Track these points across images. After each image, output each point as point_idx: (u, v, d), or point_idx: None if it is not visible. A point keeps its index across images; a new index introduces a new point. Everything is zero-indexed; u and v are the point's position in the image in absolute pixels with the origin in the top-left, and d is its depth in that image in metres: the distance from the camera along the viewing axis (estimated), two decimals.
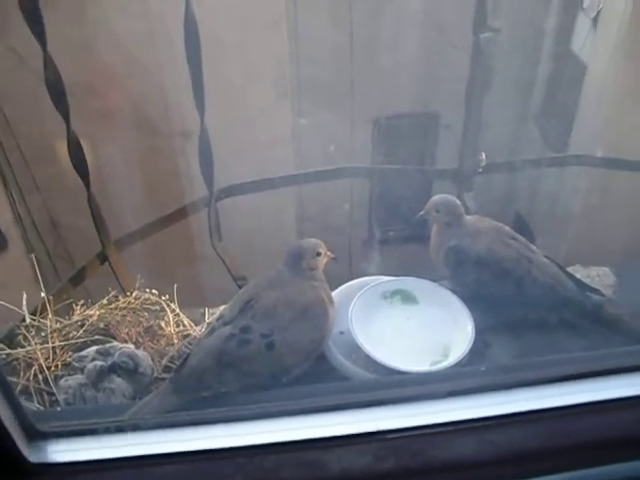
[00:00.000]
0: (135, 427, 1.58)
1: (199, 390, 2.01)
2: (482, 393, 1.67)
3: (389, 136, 6.69)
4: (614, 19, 5.70)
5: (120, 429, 1.57)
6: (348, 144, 6.28)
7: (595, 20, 5.90)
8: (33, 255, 2.97)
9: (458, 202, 2.49)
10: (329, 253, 2.31)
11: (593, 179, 5.41)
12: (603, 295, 2.51)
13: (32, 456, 1.43)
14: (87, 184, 3.55)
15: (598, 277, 2.88)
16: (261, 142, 5.75)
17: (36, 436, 1.46)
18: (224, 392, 2.03)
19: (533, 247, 2.50)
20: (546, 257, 2.50)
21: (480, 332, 2.30)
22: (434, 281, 2.54)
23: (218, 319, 2.18)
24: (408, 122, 6.86)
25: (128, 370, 2.23)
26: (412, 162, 6.75)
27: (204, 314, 2.67)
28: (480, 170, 4.23)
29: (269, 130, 5.82)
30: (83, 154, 3.44)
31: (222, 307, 2.53)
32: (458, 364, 2.20)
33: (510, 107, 6.45)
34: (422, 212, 2.50)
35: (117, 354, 2.25)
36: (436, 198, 2.51)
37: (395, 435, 1.54)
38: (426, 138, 6.97)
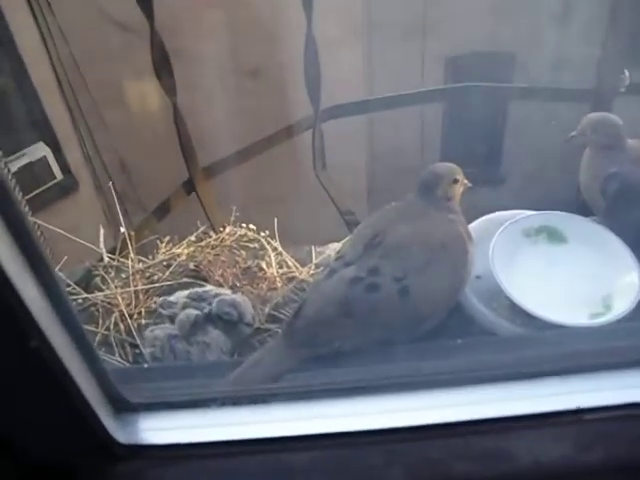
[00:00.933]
0: (249, 399, 1.22)
1: (318, 346, 1.64)
2: None
3: (461, 76, 6.35)
4: None
5: (230, 401, 1.21)
6: (419, 85, 6.00)
7: None
8: (111, 183, 2.64)
9: (620, 122, 2.09)
10: (466, 181, 1.93)
11: None
12: None
13: (121, 436, 1.09)
14: (173, 95, 3.24)
15: None
16: (330, 81, 5.51)
17: (125, 410, 1.11)
18: (348, 349, 1.65)
19: None
20: None
21: None
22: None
23: (337, 259, 1.80)
24: (481, 61, 6.50)
25: (230, 322, 1.88)
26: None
27: (310, 253, 2.31)
28: (623, 90, 3.81)
29: (339, 69, 5.55)
30: (169, 61, 3.13)
31: (331, 245, 2.18)
32: (624, 318, 1.80)
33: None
34: (574, 132, 2.11)
35: (215, 303, 1.90)
36: (593, 116, 2.13)
37: (600, 415, 1.14)
38: (501, 79, 6.60)
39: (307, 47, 3.43)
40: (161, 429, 1.15)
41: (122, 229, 2.39)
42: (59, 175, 5.14)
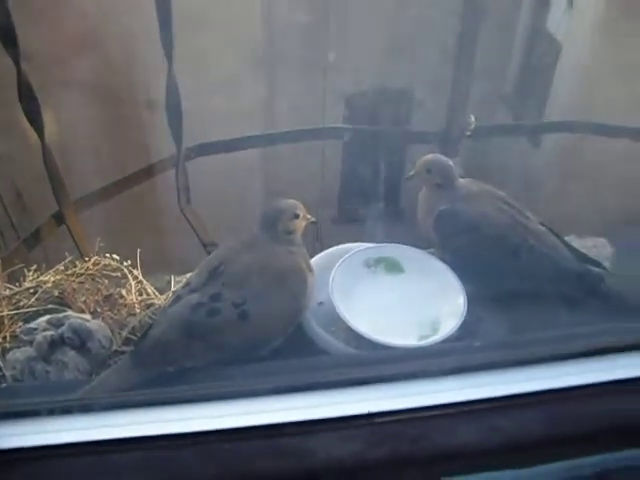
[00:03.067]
0: (90, 407, 1.38)
1: (162, 365, 1.79)
2: (479, 372, 1.50)
3: (361, 112, 6.56)
4: None
5: (74, 410, 1.36)
6: (319, 119, 6.15)
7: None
8: None
9: (451, 162, 2.31)
10: (308, 216, 2.11)
11: (582, 147, 5.31)
12: (604, 267, 2.32)
13: None
14: (41, 135, 3.30)
15: (595, 248, 2.71)
16: (230, 112, 5.60)
17: None
18: (191, 367, 1.81)
19: (529, 214, 2.32)
20: (542, 225, 2.31)
21: (471, 305, 2.11)
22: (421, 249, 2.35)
23: (184, 286, 1.97)
24: (380, 98, 6.74)
25: (74, 346, 2.01)
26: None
27: (170, 282, 2.45)
28: (469, 133, 4.05)
29: (238, 101, 5.67)
30: (37, 103, 3.20)
31: (189, 274, 2.32)
32: (448, 339, 2.02)
33: (484, 86, 6.35)
34: (412, 172, 2.31)
35: (64, 327, 2.02)
36: (428, 157, 2.32)
37: (388, 419, 1.34)
38: (398, 115, 6.86)
39: (168, 87, 3.54)
40: (12, 435, 1.28)
41: None
42: None
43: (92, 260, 2.44)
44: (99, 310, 2.25)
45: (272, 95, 6.26)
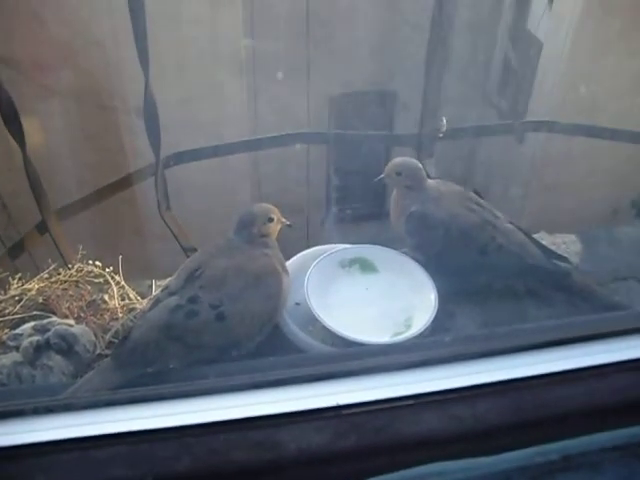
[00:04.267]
0: (73, 407, 1.45)
1: (143, 365, 1.86)
2: (447, 364, 1.59)
3: (345, 114, 6.61)
4: None
5: (57, 409, 1.43)
6: (304, 122, 6.20)
7: None
8: None
9: (420, 165, 2.38)
10: (283, 219, 2.19)
11: (555, 146, 5.38)
12: (570, 263, 2.40)
13: None
14: (22, 145, 3.35)
15: (564, 244, 2.78)
16: (214, 119, 5.64)
17: None
18: (170, 368, 1.89)
19: (498, 213, 2.40)
20: (511, 223, 2.39)
21: (443, 302, 2.20)
22: (394, 249, 2.42)
23: (163, 290, 2.04)
24: (364, 100, 6.79)
25: (61, 350, 2.08)
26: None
27: (151, 286, 2.52)
28: (441, 135, 4.13)
29: (222, 107, 5.70)
30: (15, 109, 3.24)
31: (169, 279, 2.39)
32: (421, 335, 2.09)
33: (466, 85, 6.41)
34: (382, 175, 2.38)
35: (50, 333, 2.09)
36: (397, 160, 2.40)
37: (355, 410, 1.42)
38: (383, 117, 6.91)
39: (146, 96, 3.58)
40: None
41: None
42: None
43: (75, 267, 2.50)
44: (83, 315, 2.30)
45: (255, 100, 6.28)
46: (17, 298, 2.40)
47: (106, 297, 2.39)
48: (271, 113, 6.12)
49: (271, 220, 2.14)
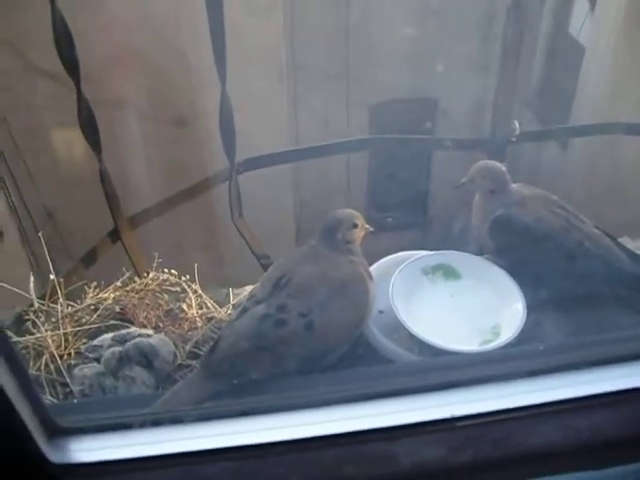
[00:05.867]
0: (168, 420, 1.40)
1: (233, 376, 1.81)
2: (552, 373, 1.50)
3: (385, 122, 6.56)
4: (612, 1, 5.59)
5: (151, 423, 1.38)
6: (345, 131, 6.17)
7: (592, 2, 5.77)
8: (40, 233, 2.75)
9: (504, 168, 2.32)
10: (367, 225, 2.13)
11: (626, 149, 5.28)
12: None
13: (54, 456, 1.24)
14: (98, 152, 3.35)
15: None
16: (255, 128, 5.63)
17: (57, 433, 1.27)
18: (260, 378, 1.83)
19: (583, 217, 2.32)
20: (597, 228, 2.32)
21: (528, 309, 2.12)
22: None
23: (249, 299, 1.99)
24: (405, 107, 6.73)
25: (141, 364, 2.05)
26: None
27: (228, 295, 2.47)
28: (514, 139, 4.06)
29: (262, 116, 5.68)
30: (94, 119, 3.24)
31: (247, 287, 2.35)
32: (509, 344, 2.02)
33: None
34: (464, 179, 2.32)
35: (130, 346, 2.06)
36: (481, 163, 2.34)
37: (471, 422, 1.35)
38: (423, 124, 6.85)
39: (222, 103, 3.58)
40: (91, 449, 1.30)
41: (52, 276, 2.50)
42: None
43: (151, 275, 2.47)
44: (161, 325, 2.28)
45: (295, 109, 6.27)
46: (93, 307, 2.37)
47: (184, 306, 2.36)
48: (311, 122, 6.10)
49: (356, 226, 2.09)
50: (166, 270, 2.50)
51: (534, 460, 1.37)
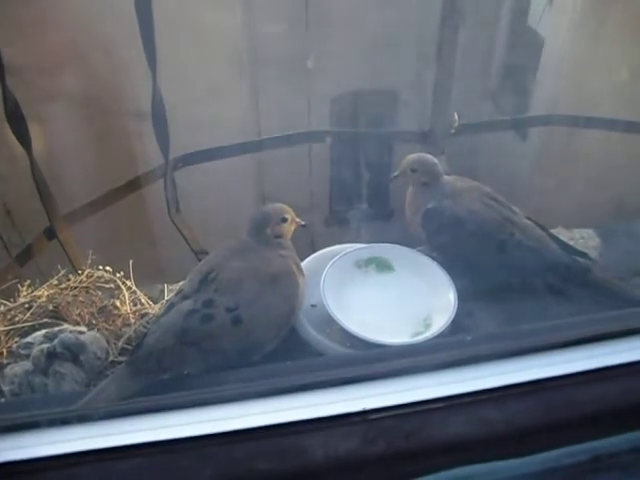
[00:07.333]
0: (90, 417, 1.40)
1: (159, 372, 1.81)
2: (474, 365, 1.53)
3: (347, 114, 6.56)
4: None
5: (73, 420, 1.38)
6: (305, 122, 6.16)
7: None
8: None
9: (435, 160, 2.34)
10: (297, 219, 2.13)
11: (567, 139, 5.33)
12: (590, 258, 2.35)
13: None
14: (28, 149, 3.31)
15: (582, 239, 2.73)
16: (215, 121, 5.59)
17: None
18: (187, 374, 1.83)
19: (515, 208, 2.35)
20: (529, 219, 2.34)
21: (461, 300, 2.15)
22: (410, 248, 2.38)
23: (176, 294, 1.99)
24: (364, 99, 6.74)
25: (67, 359, 2.04)
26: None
27: (163, 291, 2.47)
28: (453, 131, 4.08)
29: (223, 108, 5.66)
30: (24, 118, 3.20)
31: (182, 283, 2.34)
32: (440, 335, 2.04)
33: (467, 82, 6.39)
34: (396, 172, 2.33)
35: (56, 341, 2.04)
36: (412, 156, 2.35)
37: (383, 414, 1.36)
38: (384, 115, 6.86)
39: (154, 98, 3.55)
40: (12, 448, 1.30)
41: None
42: None
43: (85, 273, 2.45)
44: (94, 322, 2.26)
45: (257, 101, 6.25)
46: (27, 305, 2.35)
47: (117, 303, 2.34)
48: (272, 114, 6.08)
49: (285, 220, 2.09)
50: (100, 267, 2.48)
51: (447, 451, 1.39)
